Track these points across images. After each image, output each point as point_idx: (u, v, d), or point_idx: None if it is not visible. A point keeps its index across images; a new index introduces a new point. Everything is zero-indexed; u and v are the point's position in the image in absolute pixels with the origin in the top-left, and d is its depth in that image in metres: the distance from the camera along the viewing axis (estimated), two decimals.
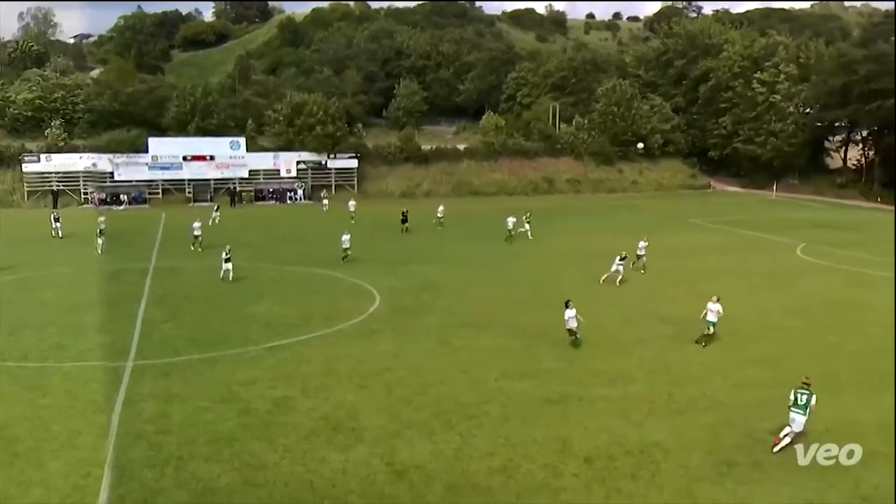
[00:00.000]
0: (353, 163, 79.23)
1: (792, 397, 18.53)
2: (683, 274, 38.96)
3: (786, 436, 18.23)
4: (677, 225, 58.46)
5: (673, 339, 27.18)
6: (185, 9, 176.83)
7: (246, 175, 75.84)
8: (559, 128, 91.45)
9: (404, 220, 53.70)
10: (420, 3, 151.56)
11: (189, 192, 74.24)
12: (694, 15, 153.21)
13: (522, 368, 24.10)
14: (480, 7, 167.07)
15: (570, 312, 25.97)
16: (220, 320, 29.92)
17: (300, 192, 76.95)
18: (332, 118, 78.85)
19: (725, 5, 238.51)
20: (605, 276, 36.68)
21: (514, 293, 35.02)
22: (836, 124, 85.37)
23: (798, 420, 18.30)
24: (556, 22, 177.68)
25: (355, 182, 78.94)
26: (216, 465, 17.26)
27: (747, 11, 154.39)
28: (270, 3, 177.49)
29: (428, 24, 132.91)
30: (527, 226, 50.90)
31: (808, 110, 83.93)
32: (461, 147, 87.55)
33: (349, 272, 38.56)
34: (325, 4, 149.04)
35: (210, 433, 18.93)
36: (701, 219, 61.49)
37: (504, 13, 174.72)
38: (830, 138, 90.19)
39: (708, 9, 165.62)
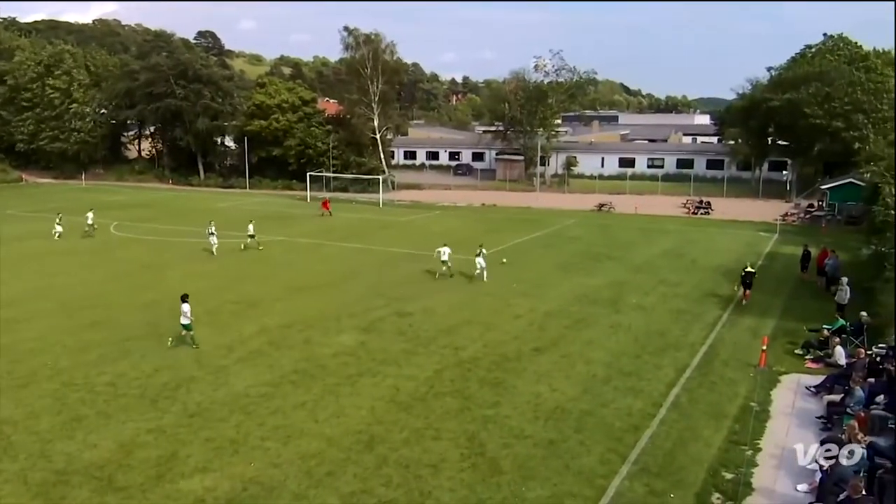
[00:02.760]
0: None
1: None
2: (10, 260, 34.71)
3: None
4: None
5: (6, 322, 24.22)
6: None
7: None
8: None
9: None
10: None
11: None
12: None
13: None
14: None
15: (185, 307, 21.53)
16: None
17: None
18: None
19: (14, 14, 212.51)
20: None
21: None
22: (129, 122, 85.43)
23: None
24: None
25: None
26: None
27: (35, 22, 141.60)
28: None
29: None
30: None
31: (102, 111, 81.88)
32: None
33: None
34: None
35: None
36: (17, 209, 55.13)
37: None
38: (126, 134, 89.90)
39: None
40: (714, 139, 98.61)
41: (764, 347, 20.84)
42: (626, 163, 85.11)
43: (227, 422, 16.59)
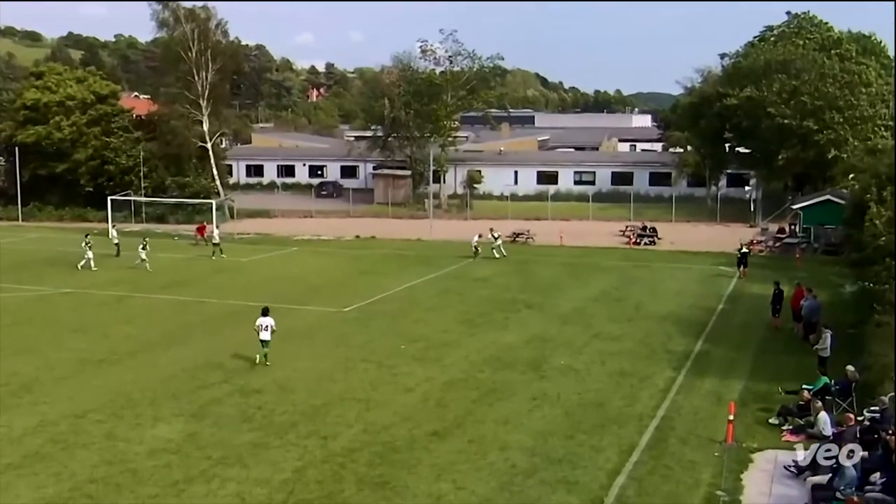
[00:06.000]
0: None
1: None
2: None
3: None
4: None
5: None
6: None
7: None
8: None
9: None
10: None
11: None
12: None
13: None
14: None
15: (267, 321, 27.76)
16: None
17: None
18: None
19: None
20: None
21: None
22: None
23: None
24: None
25: None
26: None
27: None
28: None
29: None
30: None
31: None
32: None
33: None
34: None
35: None
36: None
37: None
38: None
39: None
40: (658, 146, 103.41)
41: (731, 417, 21.68)
42: (547, 178, 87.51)
43: None
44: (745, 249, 45.49)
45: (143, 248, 46.99)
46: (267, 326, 27.65)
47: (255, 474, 19.24)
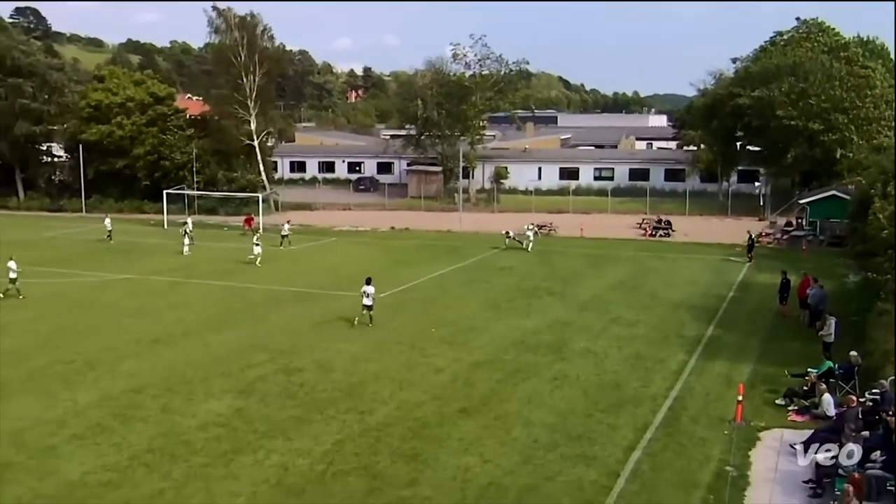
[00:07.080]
0: None
1: None
2: None
3: None
4: None
5: None
6: None
7: None
8: None
9: None
10: None
11: None
12: None
13: None
14: None
15: (369, 289, 30.50)
16: None
17: None
18: None
19: None
20: None
21: None
22: None
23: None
24: None
25: None
26: None
27: None
28: None
29: None
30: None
31: None
32: None
33: None
34: None
35: None
36: None
37: None
38: None
39: None
40: (673, 144, 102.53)
41: (740, 398, 21.57)
42: (569, 174, 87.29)
43: None
44: (752, 237, 48.15)
45: (257, 244, 45.67)
46: (368, 294, 30.54)
47: (297, 446, 19.42)
